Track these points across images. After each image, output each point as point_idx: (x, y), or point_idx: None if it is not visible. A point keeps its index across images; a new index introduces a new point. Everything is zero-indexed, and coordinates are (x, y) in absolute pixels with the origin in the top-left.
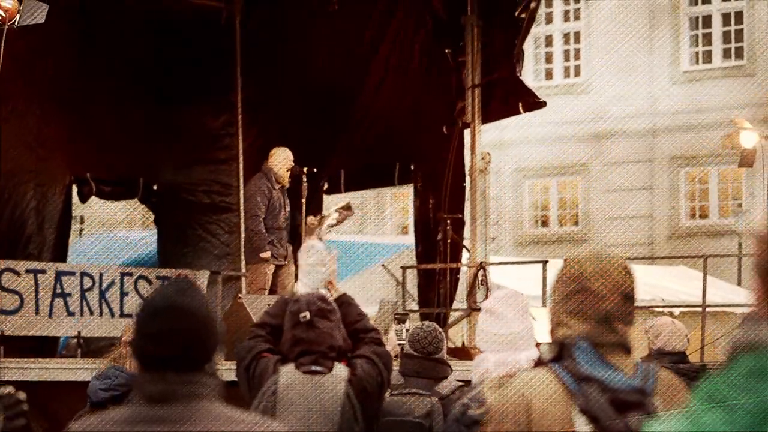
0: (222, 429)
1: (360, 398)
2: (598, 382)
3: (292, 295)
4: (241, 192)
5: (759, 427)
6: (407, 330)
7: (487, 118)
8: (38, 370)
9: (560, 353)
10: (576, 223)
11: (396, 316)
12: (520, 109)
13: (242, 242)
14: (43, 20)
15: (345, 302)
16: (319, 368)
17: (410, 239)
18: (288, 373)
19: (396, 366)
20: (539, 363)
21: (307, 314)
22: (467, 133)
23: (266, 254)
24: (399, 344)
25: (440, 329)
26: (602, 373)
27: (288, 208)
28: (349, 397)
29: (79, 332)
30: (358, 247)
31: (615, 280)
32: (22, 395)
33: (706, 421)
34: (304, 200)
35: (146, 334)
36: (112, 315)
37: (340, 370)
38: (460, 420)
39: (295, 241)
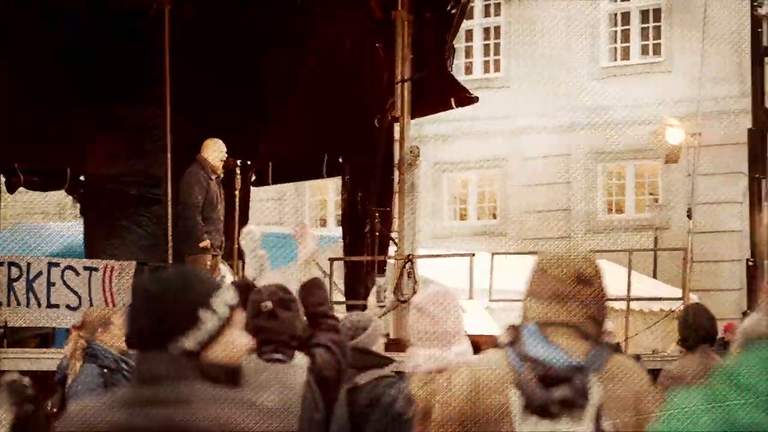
0: (214, 407)
1: (320, 386)
2: (537, 362)
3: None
4: (169, 183)
5: None
6: None
7: (419, 113)
8: None
9: (516, 336)
10: (494, 217)
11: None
12: (453, 104)
13: (170, 233)
14: None
15: (316, 285)
16: (280, 357)
17: (333, 231)
18: (250, 361)
19: None
20: (497, 346)
21: (269, 303)
22: (397, 126)
23: (205, 243)
24: None
25: (361, 320)
26: (543, 353)
27: (223, 199)
28: (310, 385)
29: (5, 322)
30: (281, 239)
31: (575, 267)
32: (27, 381)
33: (726, 400)
34: (237, 192)
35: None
36: (39, 305)
37: (301, 359)
38: (388, 412)
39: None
